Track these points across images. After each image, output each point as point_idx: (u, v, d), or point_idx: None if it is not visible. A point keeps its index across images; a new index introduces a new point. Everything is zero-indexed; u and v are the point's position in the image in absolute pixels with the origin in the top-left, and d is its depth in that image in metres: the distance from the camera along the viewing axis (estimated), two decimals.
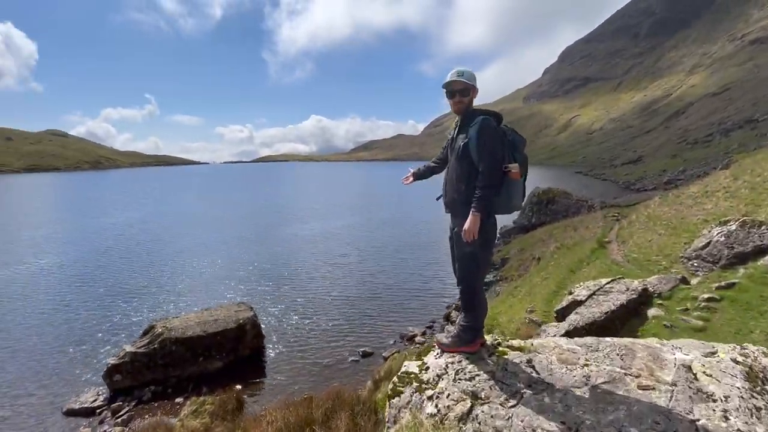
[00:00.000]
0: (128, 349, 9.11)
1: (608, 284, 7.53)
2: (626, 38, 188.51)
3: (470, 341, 2.69)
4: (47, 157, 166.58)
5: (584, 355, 2.52)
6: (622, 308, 6.67)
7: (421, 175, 3.08)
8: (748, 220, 8.22)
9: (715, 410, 1.99)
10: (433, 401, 2.26)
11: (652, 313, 6.60)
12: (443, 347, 2.77)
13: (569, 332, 6.40)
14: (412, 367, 2.62)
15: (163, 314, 12.28)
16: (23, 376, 9.31)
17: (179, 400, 8.31)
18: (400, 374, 2.56)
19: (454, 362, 2.57)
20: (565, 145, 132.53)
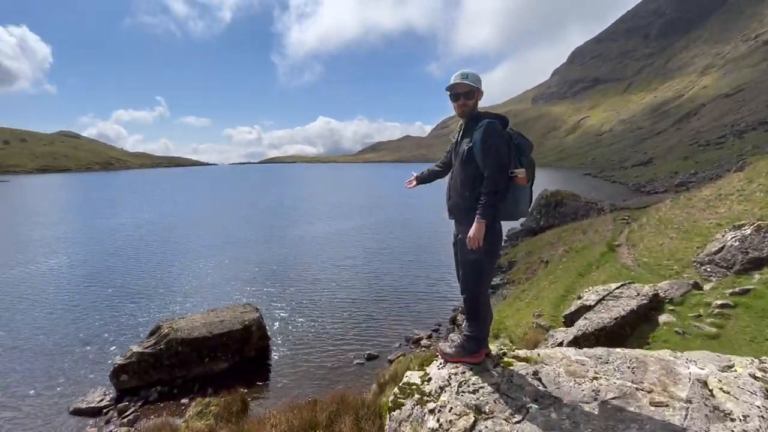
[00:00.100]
0: (135, 349, 9.13)
1: (618, 289, 7.36)
2: (636, 39, 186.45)
3: (474, 351, 2.61)
4: (60, 158, 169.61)
5: (593, 367, 2.43)
6: (632, 314, 6.51)
7: (424, 179, 3.01)
8: (763, 224, 8.00)
9: (733, 430, 1.89)
10: (434, 415, 2.18)
11: (663, 319, 6.44)
12: (446, 357, 2.69)
13: (577, 338, 6.27)
14: (414, 377, 2.54)
15: (169, 315, 12.34)
16: (31, 375, 9.39)
17: (185, 400, 8.31)
18: (401, 385, 2.48)
19: (457, 373, 2.48)
20: (573, 146, 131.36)
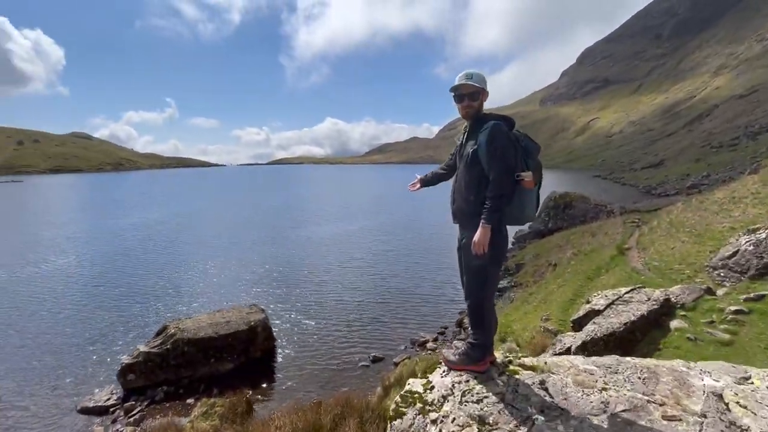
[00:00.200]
0: (142, 348, 9.20)
1: (628, 293, 7.20)
2: (648, 39, 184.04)
3: (479, 359, 2.53)
4: (71, 158, 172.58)
5: (602, 377, 2.34)
6: (642, 319, 6.36)
7: (428, 181, 2.94)
8: None
9: None
10: (436, 425, 2.11)
11: (674, 324, 6.28)
12: (450, 365, 2.61)
13: (586, 343, 6.15)
14: (416, 385, 2.48)
15: (176, 315, 12.41)
16: (39, 373, 9.50)
17: (190, 400, 8.34)
18: (403, 393, 2.42)
19: (461, 382, 2.41)
20: (582, 148, 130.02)
